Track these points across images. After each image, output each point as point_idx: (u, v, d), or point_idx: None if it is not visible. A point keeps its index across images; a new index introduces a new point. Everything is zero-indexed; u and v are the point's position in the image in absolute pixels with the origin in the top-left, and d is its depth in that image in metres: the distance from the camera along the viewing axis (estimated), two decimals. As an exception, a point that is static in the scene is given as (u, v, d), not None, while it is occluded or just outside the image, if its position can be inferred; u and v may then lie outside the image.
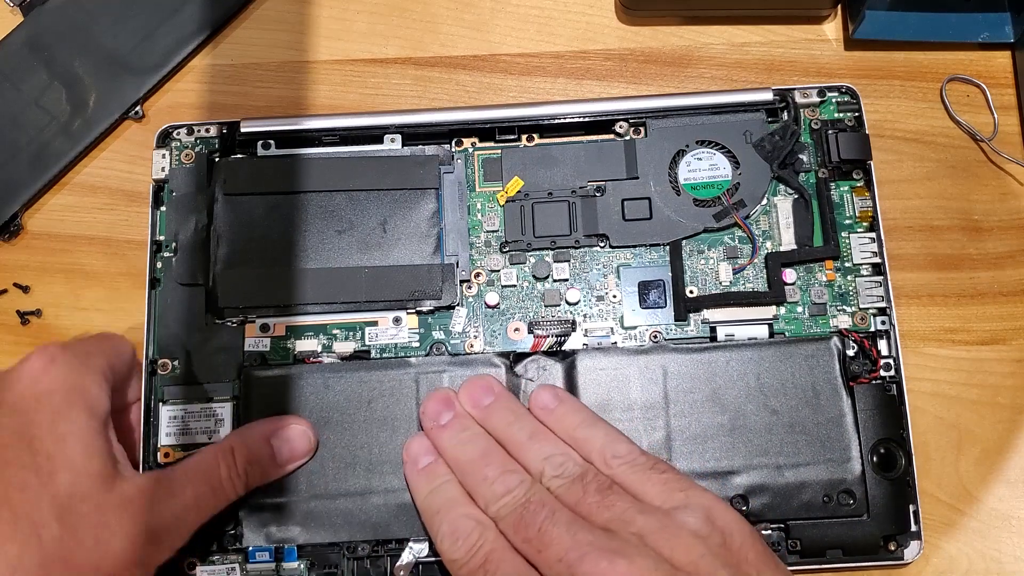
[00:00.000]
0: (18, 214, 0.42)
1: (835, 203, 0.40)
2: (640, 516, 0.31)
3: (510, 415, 0.35)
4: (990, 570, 0.39)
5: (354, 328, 0.39)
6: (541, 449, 0.34)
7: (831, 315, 0.39)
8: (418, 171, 0.40)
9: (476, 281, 0.40)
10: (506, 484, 0.32)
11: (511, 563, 0.31)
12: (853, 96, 0.41)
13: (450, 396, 0.36)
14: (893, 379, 0.38)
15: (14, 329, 0.42)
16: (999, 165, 0.43)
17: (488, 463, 0.33)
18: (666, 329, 0.39)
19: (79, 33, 0.43)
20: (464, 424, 0.35)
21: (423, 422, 0.36)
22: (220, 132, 0.41)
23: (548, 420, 0.35)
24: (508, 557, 0.31)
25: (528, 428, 0.35)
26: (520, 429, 0.34)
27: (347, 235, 0.40)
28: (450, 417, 0.36)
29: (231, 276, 0.39)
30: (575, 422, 0.35)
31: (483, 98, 0.44)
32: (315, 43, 0.45)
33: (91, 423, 0.32)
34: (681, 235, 0.40)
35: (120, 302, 0.42)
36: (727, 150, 0.40)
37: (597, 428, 0.35)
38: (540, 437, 0.34)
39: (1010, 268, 0.42)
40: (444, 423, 0.35)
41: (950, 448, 0.40)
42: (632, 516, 0.31)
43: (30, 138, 0.42)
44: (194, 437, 0.38)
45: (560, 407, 0.35)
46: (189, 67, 0.44)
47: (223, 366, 0.39)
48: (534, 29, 0.45)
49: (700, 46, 0.44)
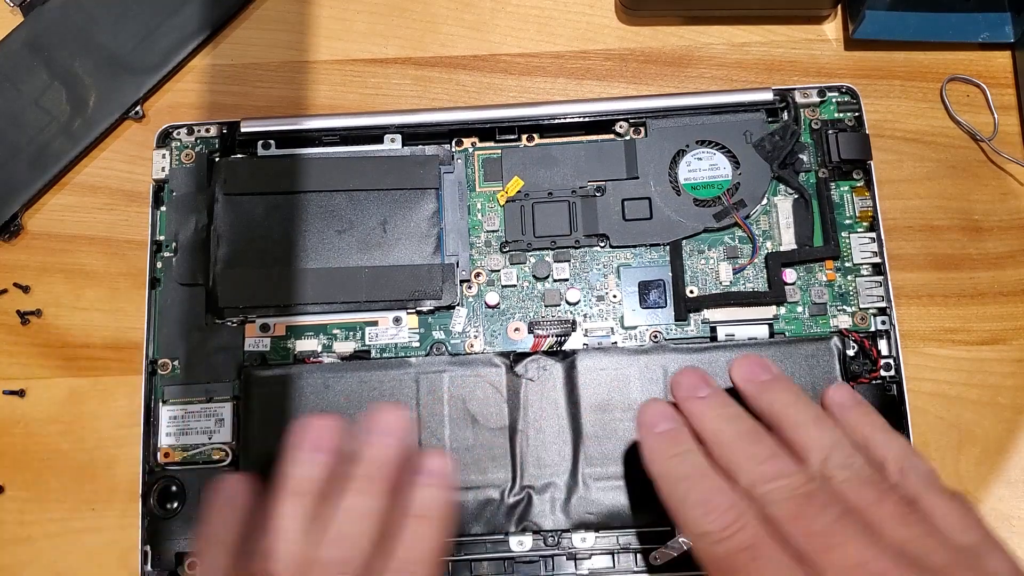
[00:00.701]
0: (18, 214, 0.42)
1: (835, 203, 0.40)
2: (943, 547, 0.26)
3: (791, 395, 0.31)
4: (990, 570, 0.39)
5: (354, 328, 0.39)
6: (827, 435, 0.29)
7: (831, 315, 0.39)
8: (418, 171, 0.40)
9: (476, 281, 0.40)
10: (779, 467, 0.28)
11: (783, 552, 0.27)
12: (853, 96, 0.41)
13: (707, 376, 0.32)
14: (893, 379, 0.38)
15: (14, 329, 0.42)
16: (999, 165, 0.43)
17: (758, 440, 0.30)
18: (666, 329, 0.39)
19: (79, 33, 0.43)
20: (727, 400, 0.31)
21: (675, 392, 0.32)
22: (220, 132, 0.41)
23: (839, 418, 0.31)
24: (777, 546, 0.27)
25: (813, 411, 0.30)
26: (804, 410, 0.30)
27: (347, 235, 0.40)
28: (710, 391, 0.32)
29: (231, 276, 0.39)
30: (874, 425, 0.31)
31: (483, 98, 0.44)
32: (315, 43, 0.45)
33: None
34: (681, 235, 0.40)
35: (120, 302, 0.42)
36: (727, 150, 0.40)
37: (898, 438, 0.30)
38: (828, 423, 0.30)
39: (1010, 268, 0.41)
40: (704, 395, 0.32)
41: (950, 448, 0.40)
42: (934, 544, 0.26)
43: (30, 138, 0.42)
44: (194, 437, 0.38)
45: (859, 408, 0.31)
46: (189, 67, 0.44)
47: (223, 366, 0.39)
48: (534, 29, 0.45)
49: (700, 46, 0.44)
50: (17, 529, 0.40)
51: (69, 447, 0.40)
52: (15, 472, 0.40)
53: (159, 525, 0.37)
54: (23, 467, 0.40)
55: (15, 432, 0.41)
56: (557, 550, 0.37)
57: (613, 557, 0.37)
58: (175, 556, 0.37)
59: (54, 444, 0.40)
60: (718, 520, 0.28)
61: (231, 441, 0.38)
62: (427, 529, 0.30)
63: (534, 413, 0.38)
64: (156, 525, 0.37)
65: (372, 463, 0.31)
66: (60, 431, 0.40)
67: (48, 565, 0.39)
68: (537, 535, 0.37)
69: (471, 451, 0.37)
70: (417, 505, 0.30)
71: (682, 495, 0.29)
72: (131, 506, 0.39)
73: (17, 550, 0.39)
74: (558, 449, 0.37)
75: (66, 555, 0.39)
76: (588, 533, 0.37)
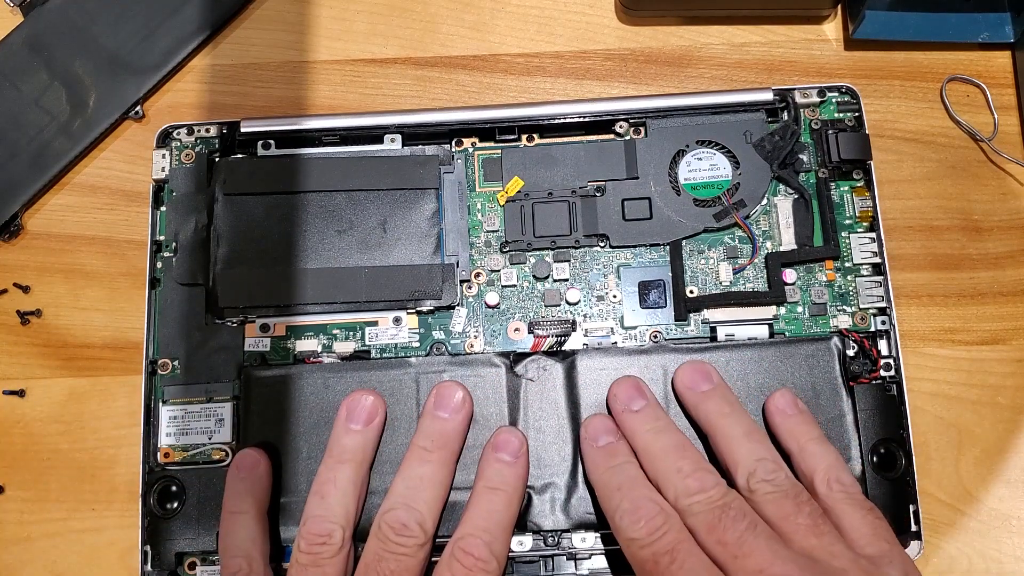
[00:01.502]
0: (18, 214, 0.42)
1: (835, 203, 0.40)
2: (847, 554, 0.30)
3: (727, 406, 0.34)
4: (990, 570, 0.39)
5: (354, 328, 0.39)
6: (756, 449, 0.33)
7: (831, 315, 0.39)
8: (418, 171, 0.40)
9: (476, 281, 0.40)
10: (702, 481, 0.31)
11: (699, 558, 0.30)
12: (853, 96, 0.41)
13: (642, 385, 0.36)
14: (893, 379, 0.38)
15: (14, 329, 0.42)
16: (999, 165, 0.43)
17: (683, 456, 0.33)
18: (666, 329, 0.39)
19: (79, 33, 0.43)
20: (658, 414, 0.35)
21: (612, 404, 0.36)
22: (220, 132, 0.41)
23: (780, 423, 0.35)
24: (696, 551, 0.30)
25: (745, 424, 0.34)
26: (736, 423, 0.34)
27: (347, 235, 0.40)
28: (643, 404, 0.35)
29: (231, 276, 0.39)
30: (809, 435, 0.34)
31: (483, 98, 0.44)
32: (315, 43, 0.45)
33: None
34: (681, 235, 0.40)
35: (120, 302, 0.42)
36: (727, 150, 0.40)
37: (828, 448, 0.34)
38: (757, 437, 0.33)
39: (1010, 268, 0.42)
40: (637, 409, 0.35)
41: (950, 448, 0.40)
42: (839, 551, 0.30)
43: (30, 138, 0.42)
44: (194, 437, 0.38)
45: (798, 416, 0.35)
46: (189, 67, 0.44)
47: (223, 366, 0.39)
48: (534, 29, 0.45)
49: (700, 46, 0.44)
50: (17, 529, 0.40)
51: (69, 447, 0.40)
52: (15, 472, 0.40)
53: (159, 525, 0.37)
54: (23, 467, 0.40)
55: (15, 432, 0.41)
56: (557, 550, 0.37)
57: (613, 557, 0.37)
58: (175, 556, 0.37)
59: (54, 444, 0.40)
60: (645, 526, 0.31)
61: (231, 441, 0.38)
62: (499, 500, 0.34)
63: (534, 413, 0.38)
64: (156, 525, 0.37)
65: (433, 435, 0.35)
66: (60, 431, 0.41)
67: (48, 565, 0.39)
68: (537, 535, 0.37)
69: (471, 451, 0.37)
70: (489, 477, 0.34)
71: (616, 503, 0.32)
72: (131, 506, 0.39)
73: (17, 550, 0.39)
74: (558, 449, 0.37)
75: (66, 555, 0.39)
76: (588, 533, 0.37)
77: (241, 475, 0.35)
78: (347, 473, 0.34)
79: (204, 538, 0.37)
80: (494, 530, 0.33)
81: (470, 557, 0.32)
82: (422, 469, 0.34)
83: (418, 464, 0.34)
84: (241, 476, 0.35)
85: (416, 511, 0.33)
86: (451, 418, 0.35)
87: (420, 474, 0.34)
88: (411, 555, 0.32)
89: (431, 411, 0.36)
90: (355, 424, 0.35)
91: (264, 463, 0.36)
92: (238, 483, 0.35)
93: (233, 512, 0.35)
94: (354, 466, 0.34)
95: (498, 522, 0.33)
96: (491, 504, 0.34)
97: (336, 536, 0.32)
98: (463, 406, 0.36)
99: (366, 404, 0.36)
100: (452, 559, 0.32)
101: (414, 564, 0.32)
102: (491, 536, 0.33)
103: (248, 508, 0.35)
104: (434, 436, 0.35)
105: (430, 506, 0.33)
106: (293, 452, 0.37)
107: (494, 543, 0.33)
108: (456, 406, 0.36)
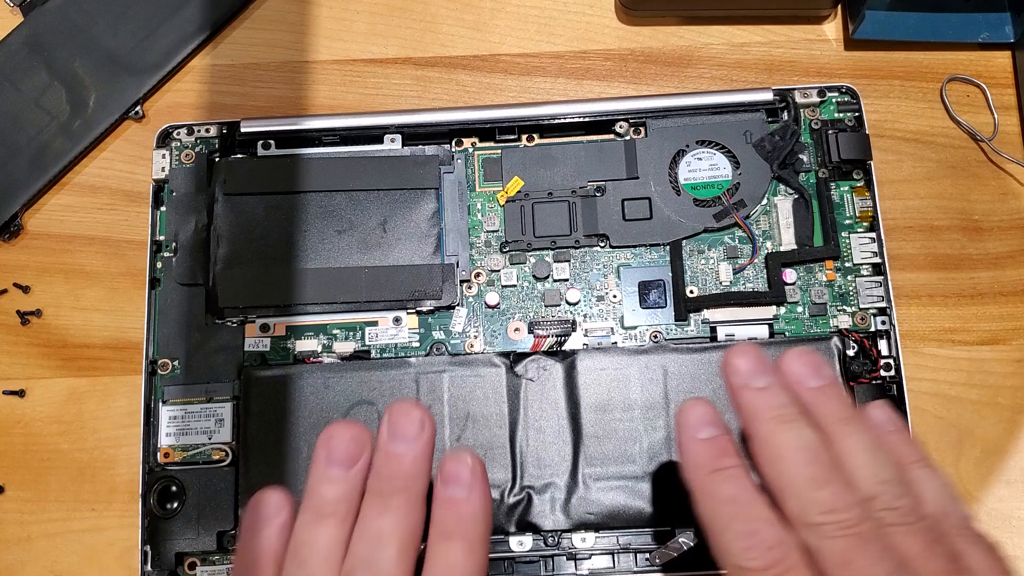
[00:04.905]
0: (18, 214, 0.42)
1: (835, 203, 0.40)
2: None
3: (846, 410, 0.28)
4: (990, 570, 0.39)
5: (354, 328, 0.39)
6: (881, 471, 0.27)
7: (831, 315, 0.39)
8: (418, 171, 0.40)
9: (476, 281, 0.40)
10: (838, 499, 0.26)
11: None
12: (853, 96, 0.41)
13: (764, 357, 0.29)
14: (893, 379, 0.38)
15: (14, 329, 0.42)
16: (999, 165, 0.43)
17: (817, 459, 0.27)
18: (666, 329, 0.39)
19: (79, 33, 0.43)
20: (789, 399, 0.28)
21: (729, 377, 0.29)
22: (220, 132, 0.41)
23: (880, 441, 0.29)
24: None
25: (868, 438, 0.28)
26: (857, 434, 0.28)
27: (347, 235, 0.40)
28: (770, 382, 0.28)
29: (231, 276, 0.39)
30: (912, 456, 0.28)
31: (483, 98, 0.44)
32: (315, 43, 0.45)
33: None
34: (681, 235, 0.40)
35: (120, 302, 0.42)
36: (727, 150, 0.40)
37: (936, 474, 0.28)
38: (880, 455, 0.27)
39: (1010, 268, 0.41)
40: (762, 386, 0.28)
41: (950, 448, 0.40)
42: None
43: (30, 138, 0.42)
44: (194, 437, 0.38)
45: (899, 434, 0.29)
46: (189, 67, 0.44)
47: (223, 366, 0.39)
48: (534, 29, 0.45)
49: (700, 46, 0.44)
50: (17, 529, 0.40)
51: (69, 447, 0.40)
52: (15, 472, 0.40)
53: (159, 525, 0.37)
54: (23, 467, 0.40)
55: (15, 432, 0.41)
56: (557, 550, 0.37)
57: (613, 557, 0.37)
58: (175, 556, 0.37)
59: (54, 444, 0.40)
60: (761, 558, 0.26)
61: (231, 441, 0.38)
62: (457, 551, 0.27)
63: (534, 413, 0.38)
64: (156, 525, 0.37)
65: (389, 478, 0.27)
66: (60, 431, 0.41)
67: (48, 565, 0.39)
68: (537, 535, 0.37)
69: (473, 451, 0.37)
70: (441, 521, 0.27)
71: (725, 521, 0.27)
72: (131, 506, 0.39)
73: (17, 550, 0.39)
74: (558, 449, 0.37)
75: (66, 555, 0.39)
76: (588, 533, 0.37)
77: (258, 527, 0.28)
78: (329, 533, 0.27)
79: (204, 538, 0.37)
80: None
81: None
82: (381, 522, 0.27)
83: (376, 516, 0.27)
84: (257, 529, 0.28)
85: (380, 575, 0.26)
86: (409, 450, 0.27)
87: (379, 529, 0.27)
88: None
89: (385, 445, 0.28)
90: (336, 468, 0.28)
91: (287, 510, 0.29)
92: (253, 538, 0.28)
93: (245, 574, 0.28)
94: (337, 522, 0.27)
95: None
96: (448, 558, 0.27)
97: None
98: (423, 431, 0.28)
99: (348, 442, 0.28)
100: None
101: None
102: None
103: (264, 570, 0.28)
104: (392, 477, 0.27)
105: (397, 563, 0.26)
106: (293, 452, 0.37)
107: None
108: (414, 433, 0.28)
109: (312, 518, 0.27)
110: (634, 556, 0.37)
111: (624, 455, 0.37)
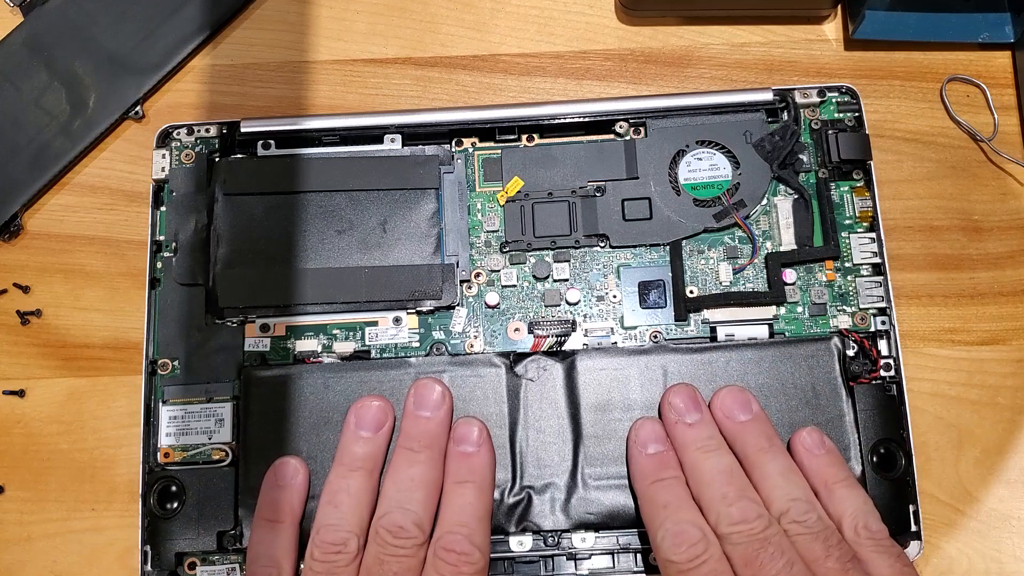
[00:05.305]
0: (18, 214, 0.42)
1: (835, 203, 0.40)
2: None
3: (765, 441, 0.34)
4: (990, 570, 0.39)
5: (354, 328, 0.39)
6: (790, 490, 0.33)
7: (831, 315, 0.39)
8: (418, 171, 0.40)
9: (476, 281, 0.40)
10: (745, 512, 0.32)
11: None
12: (853, 96, 0.41)
13: (698, 396, 0.36)
14: (893, 379, 0.38)
15: (14, 329, 0.42)
16: (999, 165, 0.43)
17: (730, 482, 0.33)
18: (666, 329, 0.39)
19: (79, 33, 0.43)
20: (712, 431, 0.35)
21: (665, 412, 0.36)
22: (220, 132, 0.41)
23: (806, 462, 0.35)
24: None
25: (782, 462, 0.34)
26: (773, 460, 0.34)
27: (347, 235, 0.40)
28: (698, 418, 0.35)
29: (231, 276, 0.39)
30: (836, 476, 0.34)
31: (483, 98, 0.44)
32: (315, 43, 0.45)
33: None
34: (681, 235, 0.40)
35: (120, 302, 0.42)
36: (727, 150, 0.40)
37: (856, 492, 0.34)
38: (792, 476, 0.34)
39: (1010, 268, 0.42)
40: (691, 422, 0.35)
41: (950, 448, 0.40)
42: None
43: (30, 138, 0.42)
44: (194, 437, 0.38)
45: (826, 456, 0.35)
46: (189, 67, 0.44)
47: (223, 366, 0.39)
48: (534, 29, 0.45)
49: (700, 46, 0.44)
50: (17, 529, 0.40)
51: (69, 447, 0.40)
52: (15, 472, 0.40)
53: (159, 525, 0.37)
54: (23, 467, 0.40)
55: (15, 432, 0.41)
56: (557, 550, 0.37)
57: (613, 557, 0.37)
58: (175, 556, 0.37)
59: (54, 444, 0.40)
60: (686, 552, 0.31)
61: (231, 441, 0.38)
62: (470, 492, 0.34)
63: (534, 413, 0.38)
64: (156, 525, 0.37)
65: (417, 438, 0.35)
66: (60, 431, 0.41)
67: (48, 565, 0.39)
68: (537, 535, 0.37)
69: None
70: (455, 472, 0.35)
71: (659, 521, 0.33)
72: (131, 506, 0.39)
73: (17, 550, 0.39)
74: (558, 449, 0.37)
75: (66, 555, 0.39)
76: (588, 533, 0.37)
77: (280, 483, 0.36)
78: (360, 482, 0.34)
79: (204, 538, 0.37)
80: (471, 523, 0.33)
81: (452, 554, 0.32)
82: (412, 471, 0.34)
83: (407, 466, 0.34)
84: (280, 484, 0.35)
85: (411, 512, 0.33)
86: (433, 416, 0.36)
87: (410, 476, 0.34)
88: (412, 555, 0.33)
89: (412, 412, 0.36)
90: (365, 431, 0.35)
91: (303, 473, 0.36)
92: (277, 491, 0.35)
93: (269, 520, 0.35)
94: (365, 474, 0.34)
95: (473, 514, 0.33)
96: (462, 498, 0.34)
97: (351, 545, 0.33)
98: (443, 402, 0.36)
99: (375, 410, 0.36)
100: (436, 559, 0.33)
101: (415, 564, 0.33)
102: (469, 529, 0.33)
103: (284, 518, 0.35)
104: (419, 437, 0.35)
105: (424, 505, 0.34)
106: (293, 452, 0.37)
107: (473, 535, 0.33)
108: (436, 403, 0.36)
109: (344, 471, 0.34)
110: (634, 556, 0.37)
111: (624, 455, 0.37)
